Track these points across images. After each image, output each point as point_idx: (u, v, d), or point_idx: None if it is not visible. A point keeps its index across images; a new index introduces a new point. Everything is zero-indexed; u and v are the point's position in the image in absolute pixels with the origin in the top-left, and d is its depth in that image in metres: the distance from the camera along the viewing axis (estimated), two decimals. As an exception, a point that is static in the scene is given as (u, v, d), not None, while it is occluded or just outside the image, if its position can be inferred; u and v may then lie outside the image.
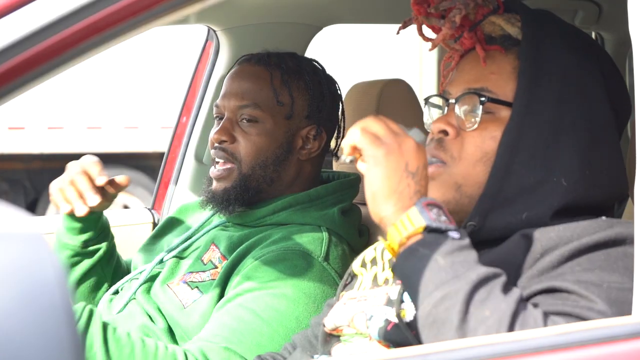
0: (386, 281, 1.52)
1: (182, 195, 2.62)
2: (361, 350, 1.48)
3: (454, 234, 1.28)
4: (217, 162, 2.04)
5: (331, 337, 1.56)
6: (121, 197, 7.21)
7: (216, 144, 2.02)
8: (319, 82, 2.06)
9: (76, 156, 7.63)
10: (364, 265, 1.59)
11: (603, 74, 1.51)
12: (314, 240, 1.93)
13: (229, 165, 2.02)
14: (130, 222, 2.61)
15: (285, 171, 2.03)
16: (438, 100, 1.57)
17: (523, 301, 1.26)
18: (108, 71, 6.85)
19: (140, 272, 2.08)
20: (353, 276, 1.62)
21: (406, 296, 1.42)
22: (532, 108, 1.45)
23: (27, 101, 6.51)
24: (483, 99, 1.48)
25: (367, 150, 1.33)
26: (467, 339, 1.19)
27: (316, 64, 2.12)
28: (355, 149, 1.35)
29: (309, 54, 2.56)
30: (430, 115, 1.58)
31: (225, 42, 2.51)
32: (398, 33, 1.66)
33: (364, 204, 2.24)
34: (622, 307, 1.26)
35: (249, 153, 2.00)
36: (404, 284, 1.33)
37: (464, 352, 1.12)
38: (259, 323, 1.81)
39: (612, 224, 1.36)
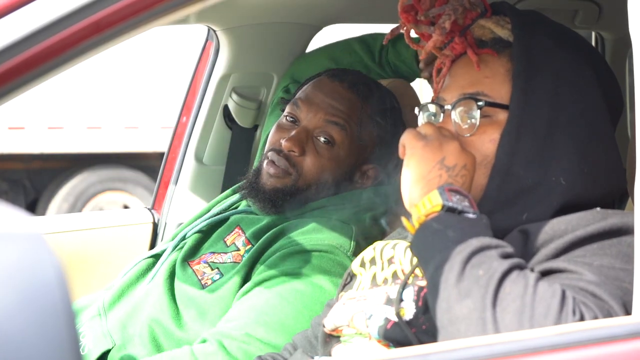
0: (385, 281, 1.52)
1: (182, 195, 2.62)
2: (361, 350, 1.48)
3: (470, 215, 1.34)
4: (274, 164, 2.03)
5: (331, 338, 1.56)
6: (121, 197, 7.22)
7: (284, 151, 2.02)
8: (398, 124, 2.08)
9: (76, 156, 7.59)
10: (363, 265, 1.59)
11: (595, 69, 1.51)
12: (342, 235, 1.95)
13: (288, 170, 2.02)
14: (130, 222, 2.62)
15: (333, 194, 2.05)
16: (432, 108, 1.56)
17: (520, 267, 1.27)
18: (108, 71, 6.85)
19: (181, 238, 2.11)
20: (352, 276, 1.62)
21: (405, 295, 1.43)
22: (528, 109, 1.45)
23: (27, 101, 6.51)
24: (480, 103, 1.48)
25: (408, 143, 1.44)
26: (466, 339, 1.19)
27: (394, 100, 2.13)
28: (404, 148, 1.46)
29: (309, 54, 2.56)
30: (423, 122, 1.57)
31: (225, 42, 2.51)
32: (386, 43, 1.67)
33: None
34: (613, 283, 1.27)
35: (313, 172, 2.02)
36: (418, 259, 1.36)
37: (464, 352, 1.12)
38: (284, 304, 1.84)
39: (606, 216, 1.37)
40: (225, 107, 2.58)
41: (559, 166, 1.44)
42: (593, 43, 3.09)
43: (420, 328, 1.38)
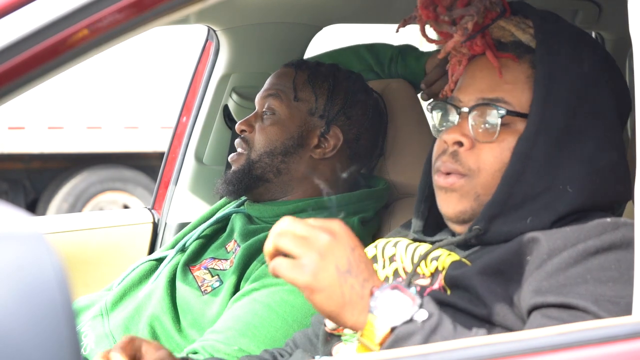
0: (386, 279, 1.52)
1: (182, 195, 2.62)
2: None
3: (421, 315, 1.23)
4: (234, 150, 2.14)
5: (332, 337, 1.56)
6: (121, 197, 7.22)
7: (241, 136, 2.12)
8: (347, 89, 2.11)
9: (76, 156, 7.58)
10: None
11: (609, 76, 1.50)
12: None
13: (241, 151, 2.10)
14: (130, 222, 2.62)
15: (294, 165, 2.07)
16: (446, 106, 1.53)
17: None
18: (108, 71, 6.85)
19: (183, 244, 2.13)
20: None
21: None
22: (545, 118, 1.44)
23: (27, 101, 6.51)
24: (502, 111, 1.45)
25: (295, 282, 1.22)
26: (466, 338, 1.19)
27: (356, 76, 2.17)
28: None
29: (308, 54, 2.56)
30: (435, 119, 1.55)
31: (225, 42, 2.51)
32: (397, 31, 1.64)
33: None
34: None
35: (260, 141, 2.08)
36: None
37: (464, 352, 1.12)
38: (273, 317, 1.84)
39: (617, 226, 1.36)
40: (225, 107, 2.58)
41: (568, 174, 1.43)
42: (593, 43, 3.09)
43: None
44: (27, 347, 0.80)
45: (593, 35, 3.07)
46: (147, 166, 7.25)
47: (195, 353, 1.82)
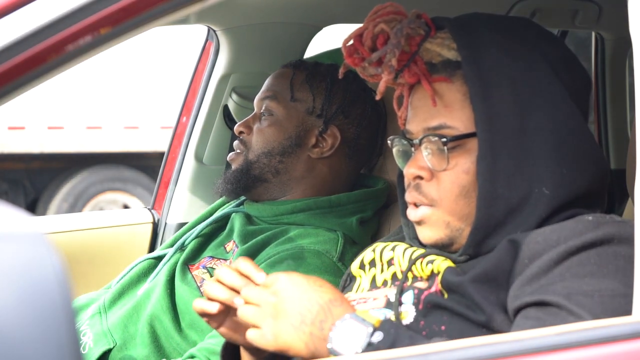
0: (384, 282, 1.52)
1: (182, 195, 2.62)
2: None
3: (377, 337, 1.28)
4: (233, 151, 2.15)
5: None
6: (121, 197, 7.22)
7: (239, 137, 2.13)
8: (345, 88, 2.11)
9: (76, 156, 7.57)
10: (362, 267, 1.59)
11: (548, 60, 1.46)
12: (329, 240, 1.96)
13: (239, 151, 2.11)
14: (130, 222, 2.62)
15: (292, 165, 2.08)
16: (402, 141, 1.52)
17: None
18: (108, 71, 6.85)
19: (182, 243, 2.14)
20: (352, 278, 1.62)
21: (405, 298, 1.42)
22: (494, 129, 1.41)
23: (27, 101, 6.51)
24: (444, 139, 1.44)
25: (267, 349, 1.32)
26: (467, 339, 1.19)
27: (354, 75, 2.14)
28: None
29: (309, 54, 2.56)
30: (394, 153, 1.55)
31: (225, 42, 2.51)
32: (341, 77, 1.59)
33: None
34: (614, 316, 1.24)
35: (258, 142, 2.08)
36: None
37: (464, 352, 1.12)
38: None
39: (598, 224, 1.34)
40: (225, 107, 2.58)
41: (539, 176, 1.41)
42: (593, 43, 3.09)
43: (420, 334, 1.36)
44: (27, 347, 0.80)
45: (593, 35, 3.08)
46: (147, 166, 7.25)
47: (192, 358, 1.82)
